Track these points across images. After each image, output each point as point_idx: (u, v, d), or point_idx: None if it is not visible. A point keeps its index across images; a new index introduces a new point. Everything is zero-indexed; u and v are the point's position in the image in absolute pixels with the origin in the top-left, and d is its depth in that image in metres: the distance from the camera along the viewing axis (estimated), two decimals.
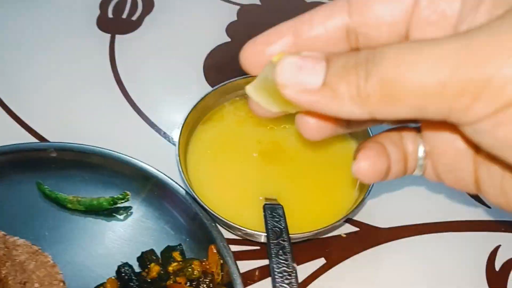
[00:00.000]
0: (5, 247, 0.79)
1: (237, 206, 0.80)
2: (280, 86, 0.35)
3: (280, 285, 0.63)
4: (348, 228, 0.89)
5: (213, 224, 0.81)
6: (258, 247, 0.85)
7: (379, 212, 0.91)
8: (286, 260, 0.66)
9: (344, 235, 0.88)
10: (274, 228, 0.72)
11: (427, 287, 0.82)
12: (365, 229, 0.89)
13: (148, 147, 0.96)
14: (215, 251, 0.78)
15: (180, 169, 0.80)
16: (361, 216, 0.90)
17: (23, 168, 0.88)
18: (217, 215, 0.76)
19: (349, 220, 0.89)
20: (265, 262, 0.83)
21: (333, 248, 0.86)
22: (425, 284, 0.83)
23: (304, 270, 0.83)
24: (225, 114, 0.91)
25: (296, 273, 0.64)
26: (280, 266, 0.65)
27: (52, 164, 0.89)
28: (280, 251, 0.68)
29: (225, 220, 0.75)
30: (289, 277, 0.64)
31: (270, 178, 0.83)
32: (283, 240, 0.70)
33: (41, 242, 0.81)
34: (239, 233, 0.80)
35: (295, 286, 0.63)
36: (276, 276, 0.64)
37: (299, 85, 0.34)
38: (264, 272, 0.82)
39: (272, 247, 0.68)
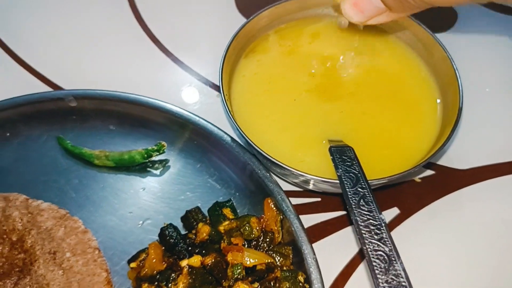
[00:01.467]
0: (28, 212, 0.68)
1: (295, 151, 0.67)
2: None
3: (370, 242, 0.50)
4: (422, 172, 0.76)
5: (267, 174, 0.68)
6: (319, 199, 0.73)
7: (456, 152, 0.77)
8: (371, 212, 0.54)
9: (419, 180, 0.75)
10: (347, 174, 0.59)
11: None
12: (442, 172, 0.76)
13: (180, 90, 0.83)
14: (272, 205, 0.66)
15: (227, 109, 0.66)
16: (435, 157, 0.77)
17: (40, 121, 0.75)
18: (275, 160, 0.62)
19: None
20: (329, 215, 0.72)
21: (407, 196, 0.73)
22: None
23: None
24: (269, 44, 0.76)
25: (386, 226, 0.52)
26: (365, 218, 0.53)
27: (73, 115, 0.76)
28: (361, 201, 0.55)
29: (285, 166, 0.62)
30: (378, 232, 0.51)
31: (331, 117, 0.70)
32: (362, 188, 0.57)
33: (68, 205, 0.70)
34: (298, 181, 0.67)
35: (388, 243, 0.50)
36: (363, 231, 0.51)
37: None
38: (330, 227, 0.70)
39: (350, 196, 0.55)
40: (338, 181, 0.59)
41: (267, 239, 0.63)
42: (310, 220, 0.70)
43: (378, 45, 0.76)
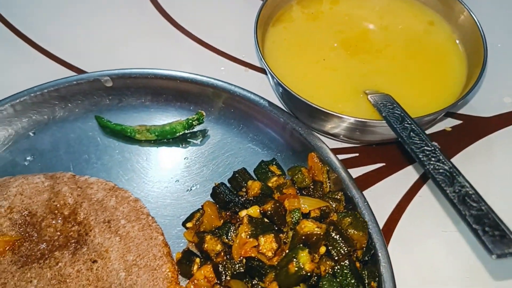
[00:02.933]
0: (77, 187, 0.69)
1: (334, 104, 0.69)
2: None
3: (429, 164, 0.52)
4: (451, 122, 0.79)
5: (308, 130, 0.71)
6: (357, 154, 0.75)
7: (479, 102, 0.81)
8: (422, 141, 0.56)
9: (449, 129, 0.78)
10: (392, 115, 0.61)
11: None
12: (470, 121, 0.79)
13: (211, 69, 0.84)
14: (316, 159, 0.68)
15: (266, 65, 0.69)
16: (461, 108, 0.80)
17: (78, 103, 0.77)
18: (318, 107, 0.64)
19: (449, 114, 0.79)
20: (368, 168, 0.74)
21: (441, 144, 0.75)
22: None
23: (411, 173, 0.73)
24: (293, 13, 0.79)
25: (440, 150, 0.54)
26: (418, 146, 0.55)
27: (109, 95, 0.78)
28: (411, 133, 0.58)
29: (329, 111, 0.64)
30: (434, 155, 0.54)
31: (362, 71, 0.73)
32: (408, 123, 0.59)
33: (114, 180, 0.71)
34: (339, 130, 0.69)
35: (446, 162, 0.52)
36: (420, 156, 0.54)
37: None
38: (372, 178, 0.72)
39: (400, 131, 0.58)
40: (383, 122, 0.62)
41: (318, 188, 0.65)
42: (351, 173, 0.72)
43: (396, 6, 0.80)
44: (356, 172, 0.73)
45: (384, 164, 0.74)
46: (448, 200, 0.49)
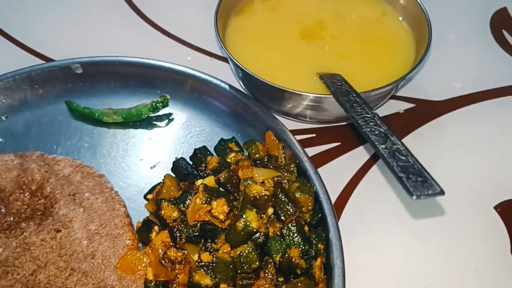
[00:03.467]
0: (45, 164, 0.72)
1: (290, 85, 0.73)
2: None
3: (366, 126, 0.57)
4: (404, 105, 0.83)
5: (267, 111, 0.75)
6: (314, 134, 0.79)
7: (432, 87, 0.86)
8: (363, 109, 0.61)
9: (402, 111, 0.82)
10: (339, 90, 0.66)
11: (494, 155, 0.77)
12: (421, 104, 0.83)
13: (173, 56, 0.88)
14: (273, 137, 0.72)
15: (225, 50, 0.74)
16: (414, 92, 0.85)
17: (49, 89, 0.80)
18: (275, 85, 0.69)
19: (402, 98, 0.84)
20: (324, 147, 0.78)
21: (393, 125, 0.80)
22: (493, 152, 0.78)
23: (369, 148, 0.77)
24: (255, 5, 0.84)
25: (379, 117, 0.59)
26: (359, 114, 0.59)
27: (79, 82, 0.82)
28: (354, 104, 0.62)
29: (286, 89, 0.69)
30: (372, 121, 0.58)
31: (317, 55, 0.78)
32: (353, 96, 0.64)
33: (81, 159, 0.74)
34: (295, 107, 0.73)
35: (383, 126, 0.57)
36: (359, 121, 0.58)
37: None
38: (326, 156, 0.76)
39: (344, 103, 0.62)
40: (331, 96, 0.66)
41: (273, 161, 0.69)
42: (308, 152, 0.76)
43: None
44: (312, 151, 0.76)
45: (339, 143, 0.78)
46: (380, 156, 0.53)
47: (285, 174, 0.66)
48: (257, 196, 0.58)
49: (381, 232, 0.69)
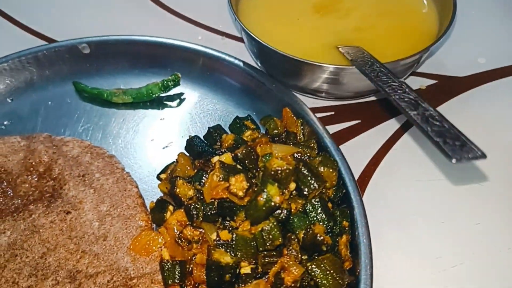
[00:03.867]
0: (53, 145, 0.69)
1: (308, 58, 0.69)
2: None
3: (395, 94, 0.53)
4: (426, 81, 0.80)
5: (282, 87, 0.71)
6: (332, 112, 0.76)
7: (453, 62, 0.82)
8: (389, 78, 0.57)
9: (424, 87, 0.78)
10: (362, 61, 0.62)
11: None
12: (444, 80, 0.80)
13: (183, 35, 0.84)
14: (290, 113, 0.69)
15: (240, 24, 0.70)
16: (436, 68, 0.81)
17: (56, 71, 0.77)
18: (294, 57, 0.65)
19: (424, 75, 0.80)
20: (344, 125, 0.74)
21: None
22: None
23: (387, 129, 0.74)
24: None
25: (407, 85, 0.55)
26: (385, 82, 0.56)
27: (87, 63, 0.79)
28: (379, 74, 0.58)
29: (305, 60, 0.65)
30: (400, 89, 0.54)
31: (335, 28, 0.74)
32: (377, 66, 0.60)
33: (90, 140, 0.71)
34: (314, 81, 0.70)
35: (412, 93, 0.53)
36: (387, 89, 0.54)
37: None
38: (347, 134, 0.73)
39: (368, 72, 0.59)
40: (352, 67, 0.63)
41: (291, 138, 0.65)
42: (329, 130, 0.73)
43: None
44: (331, 129, 0.73)
45: (359, 121, 0.74)
46: (412, 121, 0.49)
47: (305, 150, 0.63)
48: (279, 170, 0.55)
49: (406, 210, 0.65)
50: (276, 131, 0.65)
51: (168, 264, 0.55)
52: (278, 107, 0.71)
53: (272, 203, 0.53)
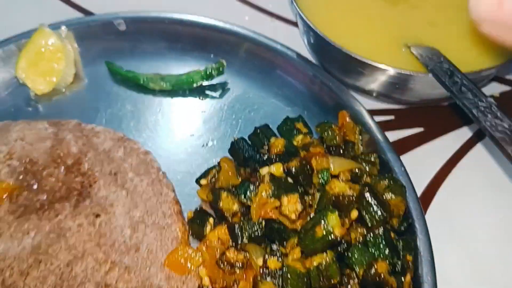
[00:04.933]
0: (83, 135, 0.63)
1: (373, 56, 0.61)
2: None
3: (485, 120, 0.45)
4: (498, 88, 0.71)
5: (339, 86, 0.63)
6: (392, 117, 0.68)
7: None
8: (476, 96, 0.49)
9: (498, 95, 0.70)
10: (439, 69, 0.54)
11: None
12: None
13: (228, 15, 0.76)
14: (348, 118, 0.61)
15: (298, 10, 0.62)
16: (509, 73, 0.72)
17: (88, 48, 0.70)
18: (356, 55, 0.57)
19: (497, 79, 0.71)
20: (405, 133, 0.66)
21: None
22: None
23: (453, 140, 0.66)
24: None
25: (497, 106, 0.47)
26: (471, 101, 0.48)
27: (122, 41, 0.71)
28: (462, 88, 0.50)
29: (367, 61, 0.57)
30: (490, 111, 0.46)
31: (405, 22, 0.65)
32: (459, 78, 0.52)
33: (123, 131, 0.64)
34: (377, 84, 0.62)
35: (505, 119, 0.45)
36: (474, 112, 0.46)
37: None
38: (409, 143, 0.65)
39: (449, 85, 0.50)
40: (428, 76, 0.54)
41: (349, 148, 0.58)
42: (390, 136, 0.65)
43: None
44: (391, 136, 0.65)
45: (422, 129, 0.66)
46: (510, 160, 0.41)
47: (366, 166, 0.55)
48: (340, 197, 0.48)
49: (476, 238, 0.58)
50: (334, 142, 0.57)
51: None
52: (333, 107, 0.63)
53: (332, 236, 0.46)
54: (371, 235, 0.48)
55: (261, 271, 0.49)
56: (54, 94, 0.67)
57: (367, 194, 0.49)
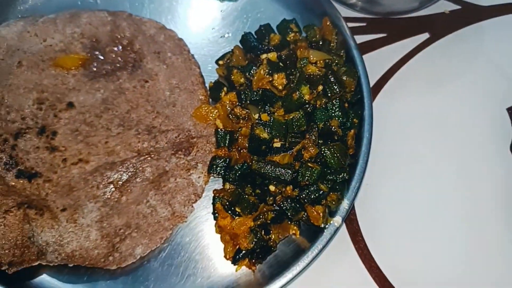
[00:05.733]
0: (134, 23, 0.85)
1: None
2: None
3: None
4: (450, 6, 0.91)
5: None
6: (364, 23, 0.89)
7: None
8: None
9: (448, 11, 0.90)
10: None
11: None
12: (467, 7, 0.91)
13: None
14: (329, 23, 0.83)
15: None
16: None
17: None
18: None
19: None
20: (372, 37, 0.88)
21: (437, 24, 0.89)
22: None
23: (407, 45, 0.88)
24: None
25: None
26: None
27: None
28: None
29: None
30: None
31: None
32: None
33: (163, 23, 0.87)
34: None
35: None
36: None
37: None
38: (374, 45, 0.87)
39: None
40: None
41: (326, 45, 0.81)
42: (358, 39, 0.87)
43: None
44: (360, 38, 0.87)
45: (385, 34, 0.88)
46: None
47: (335, 57, 0.78)
48: (311, 75, 0.72)
49: (410, 120, 0.82)
50: (314, 39, 0.80)
51: (221, 132, 0.76)
52: (319, 14, 0.84)
53: (303, 100, 0.71)
54: (330, 103, 0.73)
55: (257, 122, 0.74)
56: None
57: (330, 75, 0.73)
